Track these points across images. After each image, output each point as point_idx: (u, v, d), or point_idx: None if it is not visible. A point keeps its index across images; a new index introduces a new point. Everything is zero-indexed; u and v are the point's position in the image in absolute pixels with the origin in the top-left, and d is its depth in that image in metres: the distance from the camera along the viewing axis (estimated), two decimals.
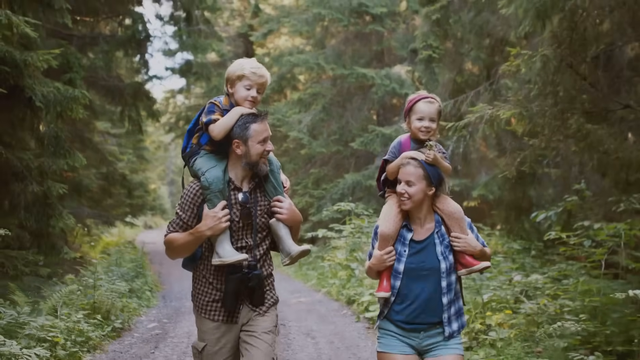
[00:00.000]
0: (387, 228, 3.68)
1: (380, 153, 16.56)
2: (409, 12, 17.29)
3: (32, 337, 6.06)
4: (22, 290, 7.36)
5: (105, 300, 8.58)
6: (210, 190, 3.61)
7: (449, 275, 3.63)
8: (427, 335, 3.64)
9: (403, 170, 3.63)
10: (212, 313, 3.72)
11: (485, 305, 6.93)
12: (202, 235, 3.59)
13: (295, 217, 3.80)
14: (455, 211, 3.69)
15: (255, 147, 3.63)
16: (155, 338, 8.31)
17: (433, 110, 3.71)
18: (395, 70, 16.93)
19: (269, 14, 24.61)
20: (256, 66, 3.70)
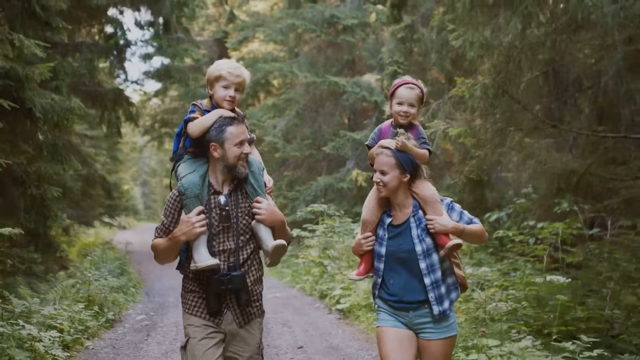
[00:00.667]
0: (366, 214, 3.87)
1: (351, 157, 17.47)
2: (378, 23, 18.20)
3: (42, 323, 6.85)
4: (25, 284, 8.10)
5: (99, 293, 9.37)
6: (186, 195, 3.66)
7: (429, 257, 3.74)
8: (416, 315, 3.78)
9: (377, 159, 3.76)
10: (196, 310, 3.75)
11: None
12: (177, 240, 3.65)
13: (275, 218, 3.80)
14: (428, 195, 3.79)
15: (232, 150, 3.66)
16: (145, 328, 9.09)
17: (413, 96, 3.82)
18: (365, 79, 17.84)
19: (244, 21, 25.29)
20: (233, 66, 3.75)
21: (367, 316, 9.06)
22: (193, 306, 3.76)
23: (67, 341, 7.02)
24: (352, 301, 9.81)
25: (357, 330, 8.80)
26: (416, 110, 3.88)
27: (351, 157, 17.41)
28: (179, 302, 11.43)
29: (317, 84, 18.05)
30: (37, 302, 7.31)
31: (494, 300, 7.31)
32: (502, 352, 5.99)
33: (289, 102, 19.83)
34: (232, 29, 25.38)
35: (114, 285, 10.04)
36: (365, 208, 3.88)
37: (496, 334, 6.64)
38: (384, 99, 17.23)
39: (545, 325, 7.01)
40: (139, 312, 10.50)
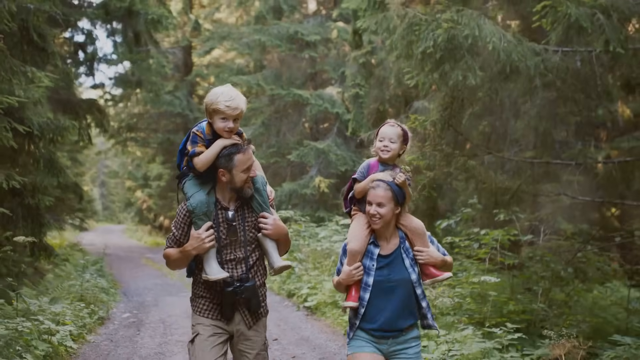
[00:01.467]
0: (355, 245, 3.93)
1: (314, 165, 18.63)
2: (339, 39, 19.38)
3: (53, 320, 7.85)
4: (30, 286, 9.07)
5: (90, 293, 10.37)
6: (195, 213, 3.90)
7: (420, 284, 3.97)
8: (394, 342, 3.94)
9: (374, 192, 3.85)
10: (207, 313, 4.03)
11: None
12: (189, 254, 3.93)
13: (280, 231, 4.07)
14: (418, 227, 3.97)
15: (239, 176, 3.90)
16: (134, 324, 10.09)
17: (393, 132, 3.96)
18: (327, 91, 19.02)
19: (210, 30, 26.21)
20: (230, 98, 3.87)
21: (332, 312, 10.20)
22: (204, 310, 4.03)
23: (74, 335, 8.03)
24: (319, 299, 10.94)
25: (325, 324, 9.95)
26: (397, 146, 3.98)
27: (314, 165, 18.54)
28: (158, 301, 12.58)
29: (282, 96, 19.14)
30: (47, 301, 8.30)
31: (442, 297, 8.56)
32: (447, 340, 7.22)
33: (255, 111, 20.87)
34: (199, 40, 26.26)
35: (104, 286, 11.02)
36: (353, 238, 3.97)
37: (444, 325, 7.89)
38: (345, 110, 18.45)
39: (485, 317, 8.28)
40: (123, 311, 11.46)
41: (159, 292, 13.95)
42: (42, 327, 7.12)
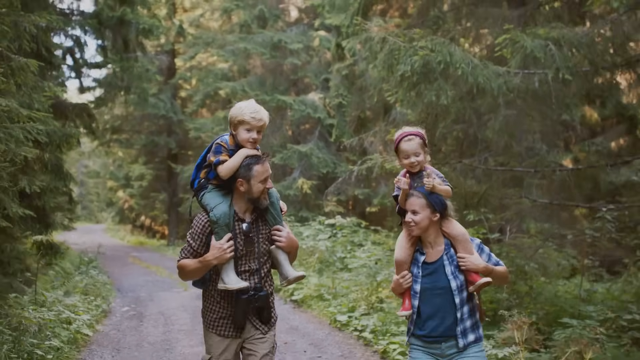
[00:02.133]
0: (399, 255, 4.04)
1: (297, 167, 19.54)
2: (321, 47, 20.31)
3: (70, 311, 8.71)
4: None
5: (92, 288, 11.22)
6: (218, 224, 4.01)
7: (461, 292, 3.93)
8: (447, 346, 3.96)
9: (408, 201, 3.93)
10: (219, 328, 4.14)
11: (378, 285, 10.09)
12: (209, 264, 4.01)
13: (292, 244, 4.20)
14: (459, 234, 3.98)
15: (257, 186, 4.00)
16: (135, 317, 10.95)
17: (415, 146, 4.01)
18: (309, 97, 19.94)
19: (194, 35, 26.93)
20: (255, 110, 4.02)
21: (317, 305, 11.13)
22: (215, 325, 4.16)
23: (87, 323, 8.89)
24: (305, 293, 11.86)
25: (311, 315, 10.88)
26: (423, 155, 4.05)
27: (297, 167, 19.44)
28: (153, 297, 13.47)
29: (266, 101, 20.00)
30: (61, 294, 9.15)
31: None
32: None
33: None
34: (183, 45, 26.98)
35: (105, 281, 11.87)
36: (397, 249, 4.10)
37: None
38: (327, 115, 19.40)
39: None
40: (121, 305, 12.29)
41: (152, 288, 14.76)
42: (61, 316, 7.97)
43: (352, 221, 15.97)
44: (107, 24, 18.02)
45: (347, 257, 13.24)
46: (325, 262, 13.64)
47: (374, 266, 11.00)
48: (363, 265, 11.55)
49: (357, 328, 8.95)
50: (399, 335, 7.98)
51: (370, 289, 10.00)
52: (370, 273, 10.65)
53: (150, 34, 17.86)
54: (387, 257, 11.36)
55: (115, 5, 18.16)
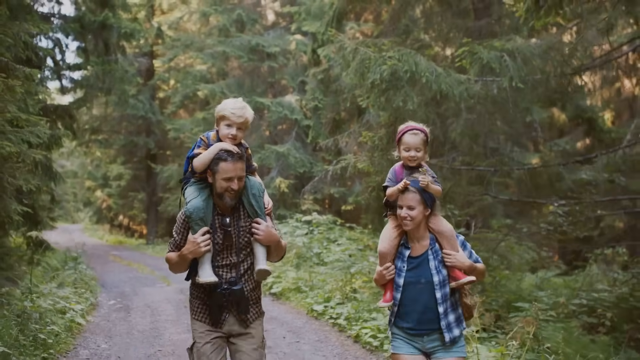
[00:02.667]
0: (384, 247, 4.06)
1: (275, 167, 20.18)
2: (297, 50, 20.97)
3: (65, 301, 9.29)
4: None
5: (81, 282, 11.78)
6: (192, 218, 4.02)
7: (443, 287, 3.98)
8: (429, 340, 4.02)
9: (404, 196, 3.95)
10: (202, 316, 4.17)
11: (352, 276, 10.79)
12: (185, 257, 4.04)
13: (271, 238, 4.12)
14: (445, 230, 4.03)
15: (219, 182, 3.97)
16: (122, 309, 11.51)
17: (418, 141, 4.05)
18: (286, 99, 20.59)
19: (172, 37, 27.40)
20: (238, 107, 4.02)
21: (295, 297, 11.79)
22: (198, 312, 4.19)
23: (79, 313, 9.47)
24: (283, 286, 12.50)
25: (289, 307, 11.53)
26: (422, 152, 4.08)
27: (275, 167, 20.07)
28: (137, 291, 14.08)
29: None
30: (54, 286, 9.73)
31: None
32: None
33: None
34: (163, 47, 27.45)
35: (92, 276, 12.44)
36: (382, 241, 4.12)
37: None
38: (303, 117, 20.06)
39: None
40: (107, 299, 12.83)
41: (135, 284, 15.30)
42: (57, 306, 8.56)
43: (328, 219, 16.65)
44: (89, 28, 18.49)
45: (322, 252, 13.90)
46: (303, 257, 14.30)
47: (348, 259, 11.69)
48: (338, 259, 12.24)
49: (332, 316, 9.65)
50: (370, 321, 8.67)
51: (345, 280, 10.69)
52: (345, 266, 11.35)
53: (132, 37, 18.38)
54: (360, 252, 12.07)
55: (96, 9, 18.66)
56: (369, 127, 11.37)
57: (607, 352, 6.86)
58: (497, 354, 6.21)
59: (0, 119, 6.18)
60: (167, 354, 7.75)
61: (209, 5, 22.14)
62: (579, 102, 14.21)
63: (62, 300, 8.99)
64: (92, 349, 8.04)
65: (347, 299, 10.20)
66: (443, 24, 11.40)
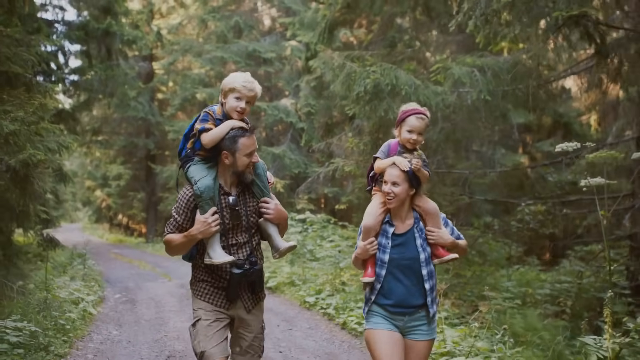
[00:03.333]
0: (368, 222, 4.04)
1: (271, 167, 21.02)
2: (292, 56, 21.84)
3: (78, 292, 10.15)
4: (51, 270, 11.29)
5: (89, 277, 12.64)
6: (202, 198, 3.93)
7: (428, 265, 4.03)
8: (410, 319, 4.05)
9: (389, 172, 3.96)
10: (209, 297, 4.09)
11: (341, 270, 11.67)
12: (194, 238, 3.95)
13: (281, 215, 4.15)
14: (430, 208, 4.07)
15: (242, 159, 3.93)
16: (128, 302, 12.36)
17: (422, 126, 4.07)
18: (282, 102, 21.45)
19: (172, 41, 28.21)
20: (248, 80, 4.02)
21: (289, 290, 12.64)
22: (205, 294, 4.12)
23: (90, 304, 10.34)
24: (279, 281, 13.34)
25: (284, 299, 12.38)
26: (423, 137, 4.13)
27: (271, 168, 20.88)
28: (140, 286, 14.96)
29: None
30: (67, 279, 10.59)
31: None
32: None
33: None
34: (163, 51, 28.28)
35: (99, 272, 13.30)
36: (367, 215, 4.10)
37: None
38: (298, 119, 20.90)
39: None
40: (113, 293, 13.69)
41: (138, 280, 16.13)
42: (72, 297, 9.43)
43: (322, 217, 17.52)
44: (93, 35, 19.32)
45: (315, 249, 14.76)
46: (297, 254, 15.15)
47: (337, 255, 12.58)
48: (329, 255, 13.11)
49: (323, 306, 10.52)
50: (355, 310, 9.54)
51: (334, 274, 11.57)
52: (334, 261, 12.23)
53: (134, 44, 19.21)
54: (349, 248, 12.93)
55: (100, 16, 19.49)
56: (360, 131, 12.21)
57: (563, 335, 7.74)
58: (460, 333, 7.10)
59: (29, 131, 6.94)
60: (172, 339, 8.61)
61: (207, 12, 22.99)
62: (559, 107, 15.09)
63: (75, 292, 9.85)
64: (105, 335, 8.90)
65: (337, 290, 11.07)
66: (428, 35, 12.26)
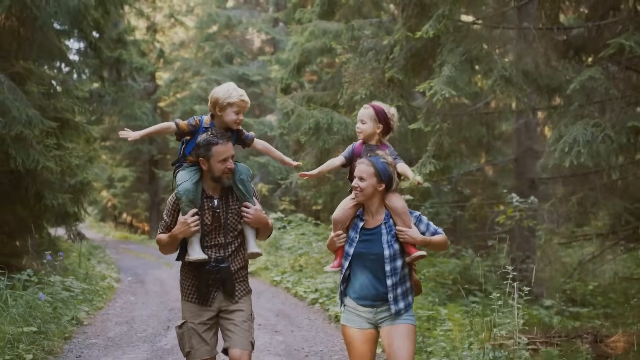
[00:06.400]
0: (337, 215, 4.19)
1: (257, 174, 24.58)
2: (276, 79, 25.37)
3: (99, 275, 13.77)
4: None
5: (109, 262, 16.28)
6: (182, 200, 4.19)
7: (393, 261, 4.06)
8: (379, 311, 4.12)
9: (358, 167, 4.07)
10: (191, 297, 4.37)
11: (300, 256, 15.31)
12: (176, 237, 4.23)
13: (260, 220, 4.33)
14: (399, 207, 4.10)
15: (216, 166, 4.15)
16: (139, 282, 15.85)
17: (364, 114, 4.28)
18: (267, 118, 25.02)
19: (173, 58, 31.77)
20: (241, 94, 4.31)
21: (264, 272, 16.18)
22: (188, 293, 4.39)
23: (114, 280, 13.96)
24: (257, 266, 16.87)
25: (258, 280, 15.88)
26: (368, 126, 4.23)
27: (258, 174, 24.47)
28: (147, 273, 18.84)
29: None
30: (95, 262, 14.23)
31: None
32: None
33: None
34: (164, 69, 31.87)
35: (113, 260, 16.95)
36: (339, 209, 4.18)
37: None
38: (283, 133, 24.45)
39: None
40: (126, 276, 17.20)
41: (145, 268, 19.61)
42: (102, 273, 13.07)
43: (300, 217, 21.07)
44: (106, 62, 22.84)
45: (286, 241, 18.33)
46: (274, 246, 18.72)
47: (297, 245, 16.21)
48: (293, 245, 16.71)
49: (284, 283, 14.13)
50: (305, 283, 13.12)
51: (295, 259, 15.22)
52: (294, 250, 15.87)
53: (142, 71, 22.75)
54: (309, 239, 16.54)
55: (112, 47, 23.03)
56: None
57: (443, 297, 11.27)
58: None
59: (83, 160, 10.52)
60: (173, 301, 12.19)
61: (204, 39, 26.61)
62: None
63: (103, 270, 13.49)
64: (125, 299, 12.51)
65: (295, 271, 14.68)
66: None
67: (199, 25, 27.87)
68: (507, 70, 6.78)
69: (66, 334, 8.31)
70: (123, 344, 8.36)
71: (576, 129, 5.62)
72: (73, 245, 16.25)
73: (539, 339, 7.90)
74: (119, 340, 8.58)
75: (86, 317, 9.63)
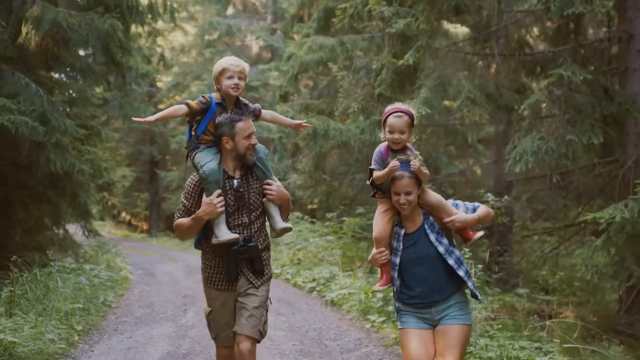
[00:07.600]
0: (378, 232, 4.16)
1: None
2: (274, 85, 26.76)
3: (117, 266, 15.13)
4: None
5: (122, 255, 17.64)
6: (208, 181, 4.20)
7: (451, 254, 4.07)
8: (437, 310, 4.10)
9: (400, 183, 4.01)
10: (216, 283, 4.42)
11: (298, 251, 16.70)
12: (201, 219, 4.20)
13: (283, 197, 4.40)
14: (434, 200, 4.12)
15: (241, 142, 4.21)
16: (149, 274, 17.15)
17: (402, 124, 4.10)
18: (266, 123, 26.30)
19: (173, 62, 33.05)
20: (234, 59, 4.35)
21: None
22: (213, 280, 4.45)
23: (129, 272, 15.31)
24: None
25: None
26: (407, 135, 4.13)
27: None
28: (155, 268, 20.24)
29: None
30: (112, 257, 15.60)
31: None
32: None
33: None
34: (165, 74, 33.14)
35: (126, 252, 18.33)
36: (376, 226, 4.19)
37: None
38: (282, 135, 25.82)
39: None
40: (135, 271, 18.55)
41: (152, 263, 20.85)
42: (119, 265, 14.44)
43: (296, 215, 22.43)
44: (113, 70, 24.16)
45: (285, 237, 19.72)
46: (273, 242, 20.09)
47: (295, 241, 17.60)
48: (291, 241, 18.10)
49: (284, 274, 15.50)
50: (303, 274, 14.47)
51: (293, 254, 16.61)
52: (292, 245, 17.26)
53: (147, 77, 24.07)
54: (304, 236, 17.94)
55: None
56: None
57: None
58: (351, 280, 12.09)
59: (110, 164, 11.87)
60: (185, 289, 13.55)
61: (204, 46, 27.92)
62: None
63: (119, 263, 14.86)
64: (140, 289, 13.86)
65: (293, 264, 16.06)
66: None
67: (200, 32, 29.20)
68: (472, 92, 8.18)
69: (101, 312, 9.70)
70: (150, 321, 9.74)
71: (526, 141, 7.02)
72: (88, 240, 17.67)
73: (505, 316, 9.34)
74: (146, 319, 9.95)
75: (113, 301, 11.00)
